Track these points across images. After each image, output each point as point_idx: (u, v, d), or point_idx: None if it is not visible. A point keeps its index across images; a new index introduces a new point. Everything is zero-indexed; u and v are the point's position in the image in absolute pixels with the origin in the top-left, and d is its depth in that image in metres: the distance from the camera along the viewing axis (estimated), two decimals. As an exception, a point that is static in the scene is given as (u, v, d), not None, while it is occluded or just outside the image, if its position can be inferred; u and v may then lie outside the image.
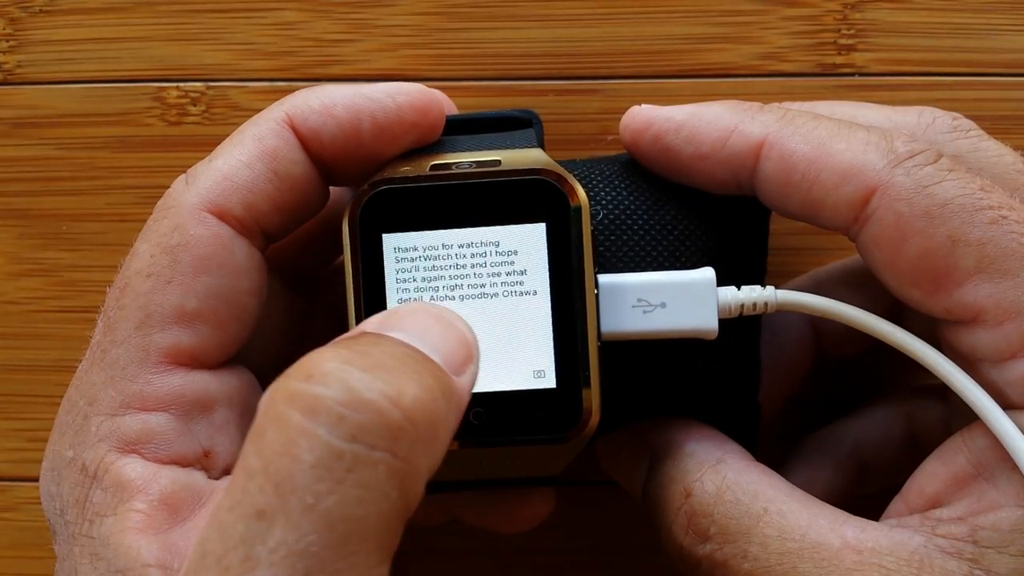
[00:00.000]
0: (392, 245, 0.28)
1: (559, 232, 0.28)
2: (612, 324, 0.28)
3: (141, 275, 0.27)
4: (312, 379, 0.21)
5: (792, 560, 0.26)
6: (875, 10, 0.36)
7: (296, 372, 0.22)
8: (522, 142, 0.29)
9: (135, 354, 0.27)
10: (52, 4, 0.38)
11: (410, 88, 0.29)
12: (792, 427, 0.35)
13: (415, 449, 0.22)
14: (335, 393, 0.21)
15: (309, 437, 0.21)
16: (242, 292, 0.28)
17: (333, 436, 0.21)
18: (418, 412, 0.22)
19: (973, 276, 0.26)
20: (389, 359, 0.22)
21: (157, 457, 0.26)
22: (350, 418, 0.21)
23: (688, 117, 0.29)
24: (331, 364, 0.22)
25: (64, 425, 0.28)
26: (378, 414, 0.21)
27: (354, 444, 0.21)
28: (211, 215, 0.27)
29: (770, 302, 0.29)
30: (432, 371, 0.23)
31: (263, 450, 0.21)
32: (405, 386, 0.22)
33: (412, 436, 0.21)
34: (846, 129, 0.28)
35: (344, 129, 0.28)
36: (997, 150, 0.29)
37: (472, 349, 0.24)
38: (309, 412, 0.21)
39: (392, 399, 0.21)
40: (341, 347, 0.22)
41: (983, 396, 0.27)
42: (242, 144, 0.28)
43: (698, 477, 0.29)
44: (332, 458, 0.21)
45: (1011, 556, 0.26)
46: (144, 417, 0.27)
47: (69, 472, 0.27)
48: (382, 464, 0.21)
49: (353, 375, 0.21)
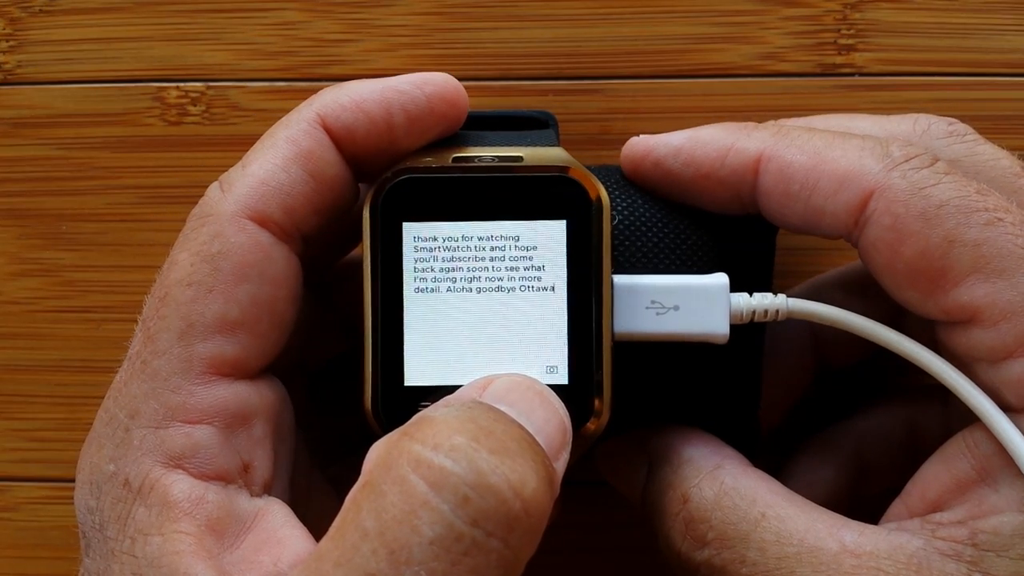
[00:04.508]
0: (412, 234, 0.28)
1: (579, 230, 0.28)
2: (625, 324, 0.29)
3: (182, 284, 0.27)
4: (440, 450, 0.21)
5: (790, 564, 0.27)
6: (875, 10, 0.36)
7: (420, 435, 0.22)
8: (542, 141, 0.30)
9: (178, 365, 0.26)
10: (52, 4, 0.38)
11: (436, 78, 0.28)
12: (793, 429, 0.35)
13: (524, 540, 0.22)
14: (463, 472, 0.21)
15: (432, 511, 0.21)
16: (281, 299, 0.27)
17: (456, 516, 0.21)
18: (534, 504, 0.22)
19: (969, 276, 0.26)
20: (511, 442, 0.22)
21: (202, 472, 0.26)
22: (475, 501, 0.21)
23: (685, 141, 0.30)
24: (460, 439, 0.22)
25: (103, 438, 0.27)
26: (502, 502, 0.21)
27: (474, 528, 0.21)
28: (251, 222, 0.27)
29: (781, 309, 0.29)
30: (544, 461, 0.23)
31: (382, 512, 0.21)
32: (527, 476, 0.22)
33: (525, 527, 0.22)
34: (841, 138, 0.28)
35: (377, 124, 0.28)
36: (993, 154, 0.29)
37: (567, 435, 0.25)
38: (435, 485, 0.21)
39: (515, 489, 0.21)
40: (465, 419, 0.23)
41: (991, 406, 0.27)
42: (275, 147, 0.28)
43: (696, 483, 0.29)
44: (452, 538, 0.21)
45: (1011, 560, 0.26)
46: (188, 430, 0.26)
47: (110, 487, 0.26)
48: (495, 553, 0.21)
49: (481, 456, 0.21)
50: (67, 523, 0.37)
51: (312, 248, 0.29)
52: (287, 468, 0.29)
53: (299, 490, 0.29)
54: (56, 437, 0.38)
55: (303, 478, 0.30)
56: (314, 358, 0.33)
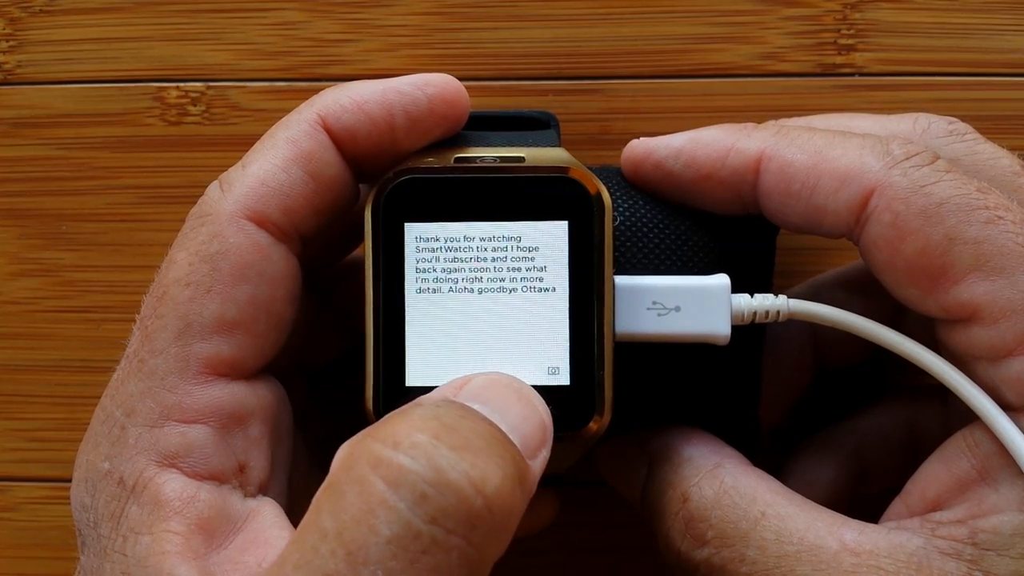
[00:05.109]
0: (414, 234, 0.28)
1: (581, 231, 0.28)
2: (627, 325, 0.29)
3: (180, 284, 0.27)
4: (400, 448, 0.21)
5: (790, 563, 0.27)
6: (875, 10, 0.36)
7: (382, 435, 0.22)
8: (544, 141, 0.30)
9: (174, 364, 0.26)
10: (52, 4, 0.38)
11: (437, 79, 0.28)
12: (793, 429, 0.35)
13: (489, 538, 0.22)
14: (422, 469, 0.21)
15: (389, 510, 0.21)
16: (279, 300, 0.27)
17: (414, 514, 0.21)
18: (498, 501, 0.22)
19: (969, 274, 0.27)
20: (477, 439, 0.22)
21: (196, 472, 0.26)
22: (433, 498, 0.21)
23: (686, 142, 0.30)
24: (420, 436, 0.21)
25: (99, 436, 0.27)
26: (461, 499, 0.21)
27: (433, 526, 0.21)
28: (250, 222, 0.27)
29: (782, 310, 0.29)
30: (514, 457, 0.23)
31: (340, 512, 0.21)
32: (490, 473, 0.22)
33: (489, 525, 0.21)
34: (842, 137, 0.28)
35: (378, 125, 0.28)
36: (993, 153, 0.29)
37: (547, 433, 0.25)
38: (393, 484, 0.21)
39: (476, 485, 0.21)
40: (429, 417, 0.22)
41: (991, 405, 0.27)
42: (275, 148, 0.28)
43: (696, 482, 0.29)
44: (409, 537, 0.21)
45: (1011, 559, 0.26)
46: (183, 429, 0.26)
47: (105, 484, 0.26)
48: (456, 550, 0.21)
49: (441, 452, 0.21)
50: (67, 523, 0.37)
51: (312, 248, 0.29)
52: (285, 469, 0.29)
53: (298, 491, 0.29)
54: (56, 437, 0.38)
55: (302, 479, 0.30)
56: (314, 358, 0.33)
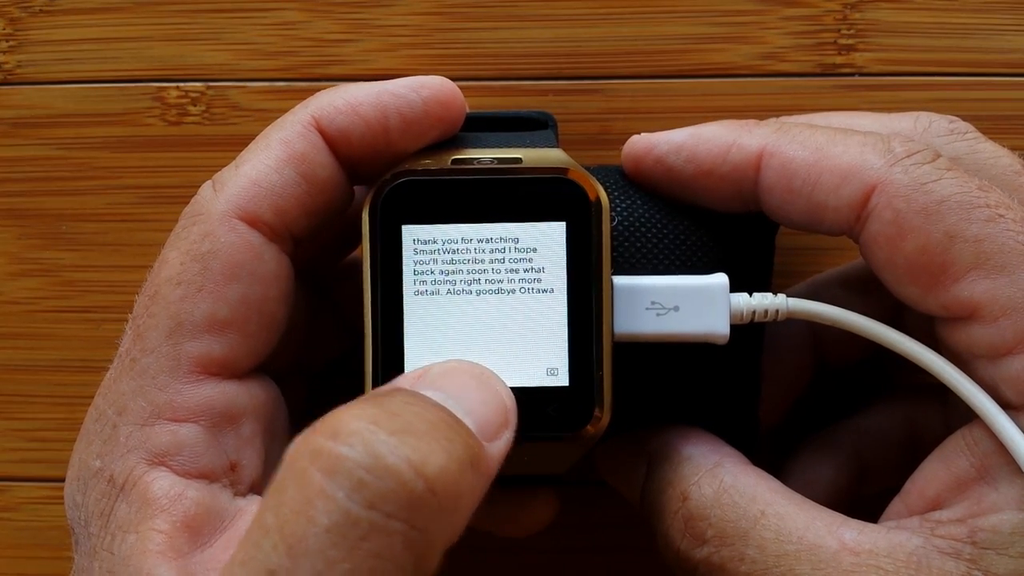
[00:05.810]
0: (412, 237, 0.28)
1: (579, 232, 0.28)
2: (625, 325, 0.29)
3: (171, 283, 0.27)
4: (338, 437, 0.21)
5: (789, 562, 0.26)
6: (875, 10, 0.36)
7: (323, 427, 0.21)
8: (541, 142, 0.30)
9: (165, 363, 0.26)
10: (52, 4, 0.38)
11: (432, 81, 0.28)
12: (793, 428, 0.35)
13: (434, 521, 0.21)
14: (359, 456, 0.21)
15: (327, 500, 0.20)
16: (271, 299, 0.27)
17: (351, 501, 0.20)
18: (441, 483, 0.21)
19: (970, 272, 0.26)
20: (420, 423, 0.22)
21: (186, 470, 0.26)
22: (370, 484, 0.20)
23: (687, 138, 0.30)
24: (358, 424, 0.21)
25: (91, 434, 0.27)
26: (400, 482, 0.21)
27: (371, 512, 0.20)
28: (241, 222, 0.27)
29: (781, 309, 0.29)
30: (463, 438, 0.22)
31: (280, 507, 0.21)
32: (432, 454, 0.21)
33: (433, 507, 0.21)
34: (843, 134, 0.28)
35: (372, 128, 0.28)
36: (994, 152, 0.29)
37: (509, 415, 0.24)
38: (330, 473, 0.21)
39: (416, 467, 0.21)
40: (371, 405, 0.22)
41: (991, 404, 0.27)
42: (269, 148, 0.28)
43: (695, 481, 0.29)
44: (348, 524, 0.20)
45: (1011, 558, 0.26)
46: (174, 428, 0.26)
47: (96, 483, 0.26)
48: (398, 535, 0.21)
49: (379, 438, 0.21)
50: (66, 523, 0.37)
51: (307, 249, 0.29)
52: None
53: None
54: (56, 437, 0.38)
55: None
56: (314, 359, 0.33)
